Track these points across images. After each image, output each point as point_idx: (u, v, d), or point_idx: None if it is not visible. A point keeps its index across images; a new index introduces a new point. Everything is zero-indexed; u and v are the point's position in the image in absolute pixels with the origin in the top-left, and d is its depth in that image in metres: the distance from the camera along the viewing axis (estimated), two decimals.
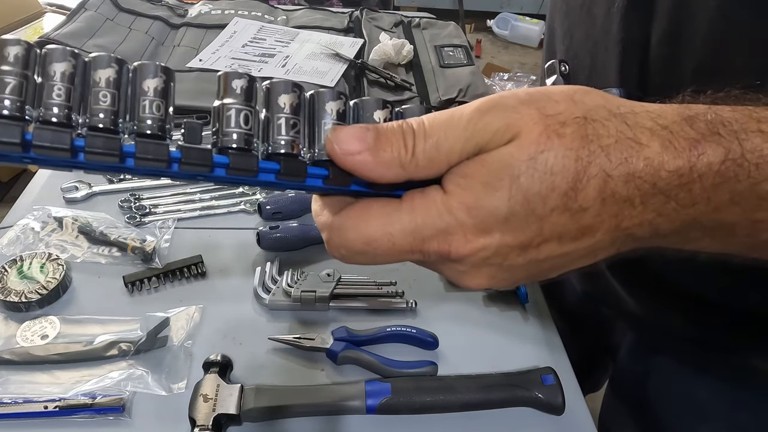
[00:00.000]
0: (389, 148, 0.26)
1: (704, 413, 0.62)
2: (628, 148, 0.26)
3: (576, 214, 0.26)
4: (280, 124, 0.27)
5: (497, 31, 3.72)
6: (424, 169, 0.26)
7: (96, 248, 0.75)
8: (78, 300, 0.70)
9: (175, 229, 0.79)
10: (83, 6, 1.18)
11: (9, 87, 0.23)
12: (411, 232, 0.27)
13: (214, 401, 0.55)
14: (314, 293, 0.68)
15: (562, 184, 0.25)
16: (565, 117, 0.26)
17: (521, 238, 0.27)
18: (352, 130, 0.26)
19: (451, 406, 0.57)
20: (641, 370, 0.70)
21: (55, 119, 0.24)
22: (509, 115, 0.26)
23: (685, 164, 0.26)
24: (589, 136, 0.26)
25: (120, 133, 0.25)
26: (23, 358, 0.62)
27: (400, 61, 1.17)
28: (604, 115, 0.26)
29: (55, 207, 0.80)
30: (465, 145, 0.26)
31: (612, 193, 0.26)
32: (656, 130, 0.26)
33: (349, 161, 0.26)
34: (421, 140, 0.26)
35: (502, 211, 0.26)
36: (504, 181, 0.25)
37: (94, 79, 0.25)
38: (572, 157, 0.25)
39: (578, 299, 0.79)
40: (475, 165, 0.26)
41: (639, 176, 0.26)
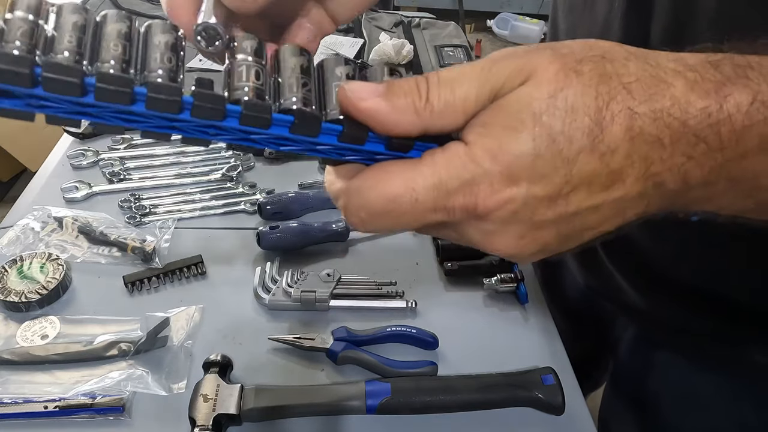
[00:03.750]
0: (403, 95, 0.25)
1: (704, 407, 0.62)
2: (652, 85, 0.25)
3: (604, 156, 0.25)
4: (291, 84, 0.26)
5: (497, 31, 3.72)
6: (440, 116, 0.25)
7: (96, 248, 0.75)
8: (78, 300, 0.70)
9: (175, 229, 0.79)
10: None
11: (20, 31, 0.23)
12: (434, 187, 0.25)
13: (214, 401, 0.55)
14: (314, 293, 0.68)
15: (585, 121, 0.24)
16: (581, 56, 0.25)
17: (549, 187, 0.25)
18: (364, 83, 0.26)
19: (451, 406, 0.57)
20: (641, 364, 0.70)
21: (66, 62, 0.23)
22: (523, 58, 0.25)
23: (713, 103, 0.24)
24: (608, 73, 0.24)
25: None
26: (23, 358, 0.62)
27: (400, 61, 1.17)
28: (624, 55, 0.25)
29: (55, 207, 0.80)
30: (480, 90, 0.25)
31: (640, 130, 0.24)
32: (680, 71, 0.25)
33: (363, 107, 0.25)
34: (435, 87, 0.25)
35: (528, 153, 0.24)
36: (526, 122, 0.24)
37: (105, 32, 0.25)
38: (592, 93, 0.24)
39: (580, 294, 0.79)
40: (493, 111, 0.25)
41: (668, 113, 0.24)
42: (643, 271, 0.59)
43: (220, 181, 0.88)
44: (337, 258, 0.78)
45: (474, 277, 0.74)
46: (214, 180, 0.88)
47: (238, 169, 0.88)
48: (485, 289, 0.71)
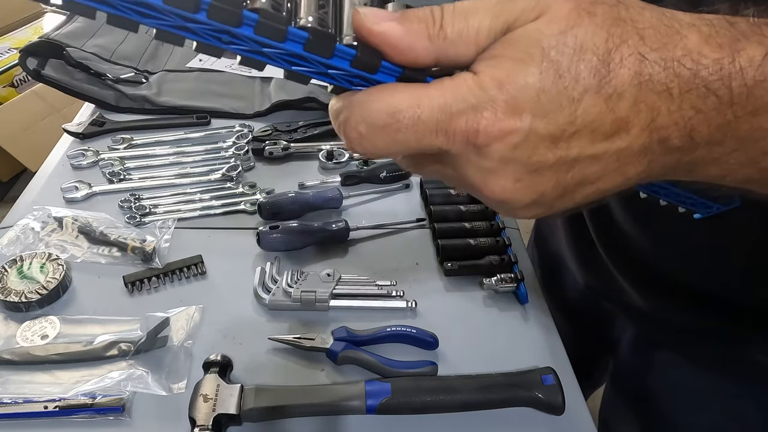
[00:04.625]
0: (416, 21, 0.25)
1: (705, 406, 0.62)
2: (666, 35, 0.24)
3: (610, 98, 0.24)
4: (310, 3, 0.26)
5: None
6: (452, 44, 0.25)
7: (96, 248, 0.75)
8: (78, 300, 0.70)
9: (175, 229, 0.79)
10: None
11: None
12: (439, 107, 0.25)
13: (214, 401, 0.55)
14: (314, 293, 0.68)
15: (593, 61, 0.24)
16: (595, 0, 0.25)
17: (552, 126, 0.25)
18: (380, 9, 0.26)
19: (451, 406, 0.57)
20: (641, 363, 0.70)
21: None
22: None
23: (726, 56, 0.24)
24: (622, 17, 0.24)
25: None
26: (23, 358, 0.62)
27: None
28: (639, 4, 0.25)
29: (55, 207, 0.80)
30: (493, 22, 0.25)
31: (650, 77, 0.24)
32: (695, 24, 0.25)
33: (376, 29, 0.25)
34: (449, 15, 0.25)
35: (533, 85, 0.24)
36: (534, 56, 0.24)
37: None
38: (603, 35, 0.24)
39: (580, 294, 0.79)
40: (504, 44, 0.25)
41: (679, 62, 0.24)
42: (643, 272, 0.59)
43: (220, 181, 0.88)
44: (337, 258, 0.78)
45: (474, 277, 0.74)
46: (214, 180, 0.88)
47: (238, 169, 0.88)
48: (485, 289, 0.71)
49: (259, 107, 1.03)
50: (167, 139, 0.95)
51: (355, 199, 0.87)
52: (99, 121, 0.97)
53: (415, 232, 0.82)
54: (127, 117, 1.00)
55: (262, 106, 1.03)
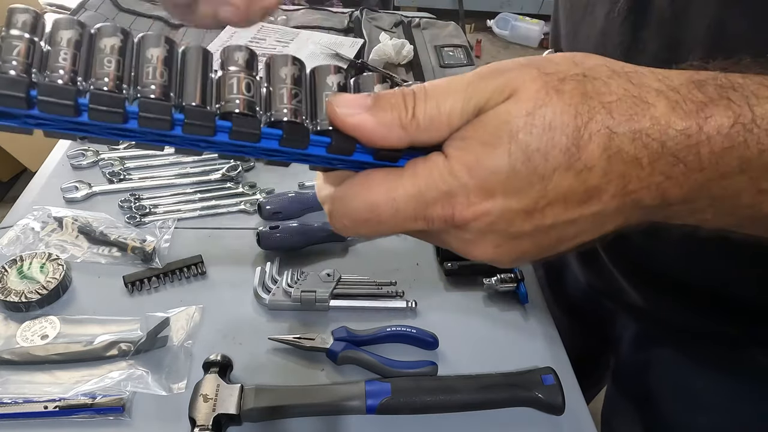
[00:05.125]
0: (389, 109, 0.26)
1: (705, 405, 0.62)
2: (633, 105, 0.25)
3: (581, 173, 0.25)
4: (282, 94, 0.27)
5: (497, 31, 3.72)
6: (425, 131, 0.26)
7: (96, 248, 0.75)
8: (78, 300, 0.70)
9: (175, 229, 0.79)
10: (83, 6, 1.18)
11: (16, 50, 0.23)
12: (414, 197, 0.26)
13: (214, 401, 0.55)
14: (314, 293, 0.68)
15: (562, 140, 0.24)
16: (564, 74, 0.25)
17: (525, 201, 0.26)
18: (352, 95, 0.26)
19: (451, 406, 0.58)
20: (642, 362, 0.70)
21: (61, 81, 0.23)
22: (507, 75, 0.26)
23: (694, 125, 0.25)
24: (589, 93, 0.25)
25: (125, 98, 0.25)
26: (23, 358, 0.62)
27: (400, 61, 1.17)
28: (606, 74, 0.26)
29: (55, 207, 0.80)
30: (465, 105, 0.26)
31: (618, 150, 0.25)
32: (663, 90, 0.25)
33: (350, 122, 0.26)
34: (422, 101, 0.26)
35: (503, 169, 0.25)
36: (503, 138, 0.25)
37: (99, 47, 0.25)
38: (571, 113, 0.24)
39: (581, 292, 0.79)
40: (474, 126, 0.26)
41: (646, 133, 0.25)
42: (643, 272, 0.59)
43: (220, 181, 0.88)
44: (337, 258, 0.78)
45: (474, 277, 0.74)
46: (214, 180, 0.88)
47: (238, 169, 0.88)
48: (485, 289, 0.71)
49: None
50: None
51: None
52: None
53: None
54: None
55: None
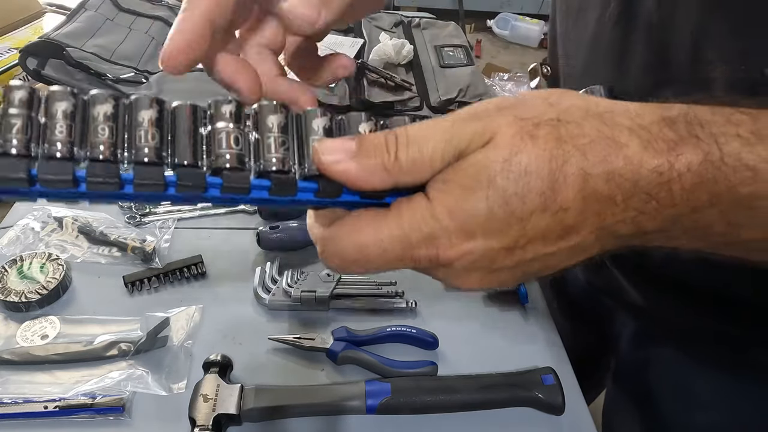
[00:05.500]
0: (373, 154, 0.27)
1: (705, 404, 0.62)
2: (606, 146, 0.26)
3: (557, 214, 0.26)
4: (270, 143, 0.28)
5: (497, 31, 3.72)
6: (408, 173, 0.27)
7: (96, 248, 0.75)
8: (78, 300, 0.70)
9: (175, 229, 0.79)
10: (83, 6, 1.18)
11: (15, 128, 0.25)
12: (399, 238, 0.27)
13: (214, 401, 0.55)
14: (314, 293, 0.68)
15: (537, 184, 0.26)
16: (538, 119, 0.26)
17: (505, 241, 0.27)
18: (337, 141, 0.27)
19: (451, 406, 0.58)
20: (642, 361, 0.70)
21: (59, 154, 0.25)
22: (485, 120, 0.27)
23: (665, 163, 0.26)
24: (563, 137, 0.26)
25: (119, 162, 0.26)
26: (23, 358, 0.62)
27: (400, 61, 1.17)
28: (580, 116, 0.27)
29: (55, 207, 0.80)
30: (446, 148, 0.27)
31: (593, 190, 0.26)
32: (635, 130, 0.26)
33: (335, 169, 0.27)
34: (404, 146, 0.27)
35: (481, 212, 0.26)
36: (481, 183, 0.26)
37: (92, 115, 0.26)
38: (546, 157, 0.26)
39: (581, 290, 0.79)
40: (455, 170, 0.27)
41: (619, 174, 0.26)
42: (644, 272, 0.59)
43: None
44: None
45: None
46: None
47: None
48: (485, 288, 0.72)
49: None
50: None
51: None
52: None
53: None
54: None
55: None
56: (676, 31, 0.44)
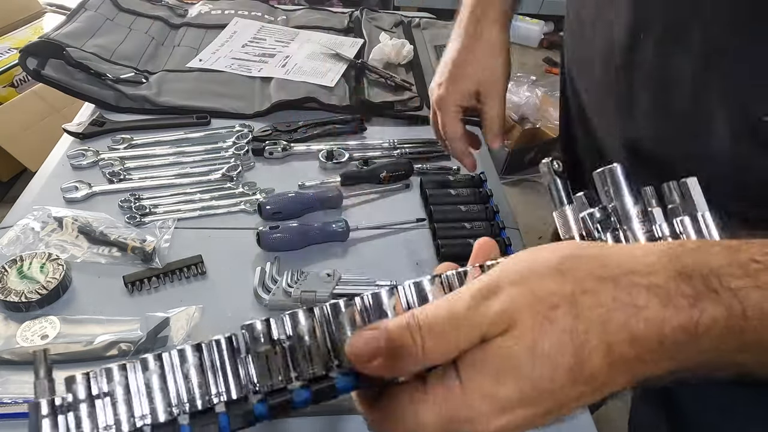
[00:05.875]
0: (402, 350, 0.28)
1: (730, 411, 0.62)
2: (625, 313, 0.27)
3: (588, 381, 0.27)
4: (305, 353, 0.30)
5: None
6: (436, 360, 0.28)
7: (96, 248, 0.75)
8: (78, 300, 0.70)
9: (175, 229, 0.79)
10: (83, 6, 1.18)
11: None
12: (441, 423, 0.28)
13: None
14: (314, 293, 0.68)
15: (563, 363, 0.27)
16: (555, 299, 0.27)
17: (541, 409, 0.28)
18: (364, 340, 0.29)
19: None
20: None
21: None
22: (503, 301, 0.28)
23: (689, 321, 0.27)
24: (580, 315, 0.27)
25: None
26: (23, 358, 0.62)
27: (400, 61, 1.17)
28: (595, 284, 0.28)
29: (55, 207, 0.80)
30: (470, 334, 0.28)
31: (619, 356, 0.27)
32: (652, 288, 0.27)
33: (370, 369, 0.28)
34: (431, 335, 0.28)
35: (514, 397, 0.27)
36: (509, 373, 0.27)
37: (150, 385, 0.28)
38: (567, 338, 0.27)
39: None
40: (483, 354, 0.28)
41: (643, 337, 0.27)
42: None
43: (220, 181, 0.88)
44: (337, 258, 0.78)
45: None
46: (214, 180, 0.88)
47: (238, 169, 0.88)
48: None
49: (259, 107, 1.03)
50: (167, 139, 0.95)
51: (355, 199, 0.87)
52: (99, 121, 0.97)
53: (415, 232, 0.82)
54: (127, 117, 1.00)
55: (262, 106, 1.03)
56: (675, 82, 0.47)
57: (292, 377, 0.30)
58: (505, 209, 0.86)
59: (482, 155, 1.00)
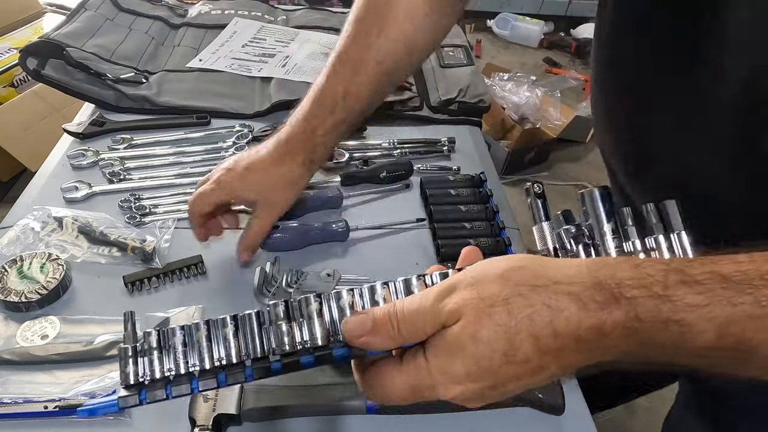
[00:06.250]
0: (383, 331, 0.37)
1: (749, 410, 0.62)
2: (550, 312, 0.34)
3: (522, 363, 0.35)
4: (318, 331, 0.39)
5: (497, 31, 3.72)
6: (408, 340, 0.37)
7: (96, 248, 0.75)
8: (78, 300, 0.70)
9: (175, 229, 0.79)
10: (83, 6, 1.18)
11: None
12: (411, 388, 0.38)
13: (214, 401, 0.55)
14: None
15: (499, 347, 0.34)
16: (494, 299, 0.35)
17: (486, 383, 0.36)
18: (355, 321, 0.38)
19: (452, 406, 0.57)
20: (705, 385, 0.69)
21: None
22: (456, 299, 0.36)
23: (598, 322, 0.34)
24: (513, 312, 0.34)
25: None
26: (23, 358, 0.62)
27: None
28: (527, 291, 0.35)
29: (55, 207, 0.80)
30: (433, 322, 0.36)
31: (545, 346, 0.34)
32: (572, 295, 0.34)
33: (357, 343, 0.38)
34: (404, 322, 0.37)
35: (463, 372, 0.36)
36: (458, 354, 0.35)
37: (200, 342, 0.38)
38: (502, 329, 0.34)
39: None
40: (441, 339, 0.36)
41: (563, 333, 0.34)
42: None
43: None
44: (337, 258, 0.78)
45: None
46: None
47: None
48: None
49: (259, 107, 1.03)
50: (167, 139, 0.95)
51: (355, 199, 0.87)
52: (99, 121, 0.97)
53: (415, 232, 0.82)
54: (127, 117, 1.00)
55: (262, 106, 1.03)
56: None
57: (301, 345, 0.38)
58: (506, 209, 0.86)
59: (482, 155, 1.00)
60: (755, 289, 0.32)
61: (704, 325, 0.33)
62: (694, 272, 0.34)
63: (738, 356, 0.34)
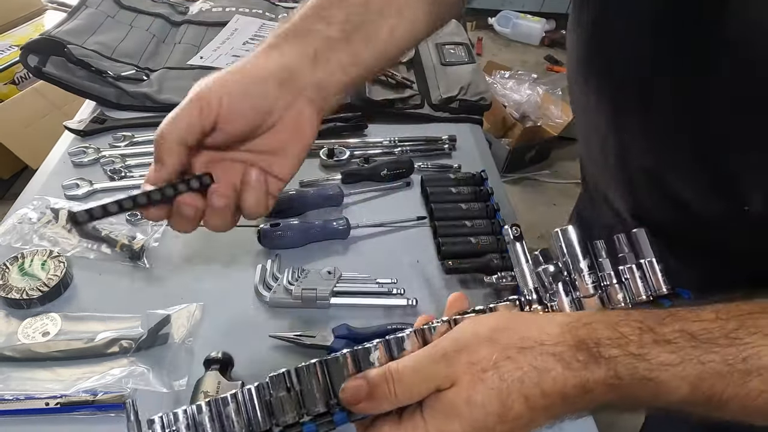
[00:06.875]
0: (380, 396, 0.39)
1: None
2: (537, 374, 0.37)
3: (515, 420, 0.37)
4: (312, 395, 0.40)
5: (498, 28, 3.71)
6: (405, 402, 0.39)
7: (87, 243, 0.75)
8: (79, 297, 0.70)
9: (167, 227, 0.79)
10: (84, 3, 1.18)
11: None
12: None
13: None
14: (315, 291, 0.69)
15: (492, 410, 0.37)
16: (484, 364, 0.38)
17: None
18: (352, 389, 0.39)
19: None
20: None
21: None
22: (449, 364, 0.38)
23: (582, 380, 0.37)
24: (503, 376, 0.37)
25: None
26: (25, 355, 0.62)
27: (401, 59, 1.17)
28: (515, 353, 0.38)
29: (54, 198, 0.80)
30: (428, 386, 0.38)
31: (534, 404, 0.37)
32: (557, 355, 0.37)
33: (357, 410, 0.39)
34: (400, 385, 0.39)
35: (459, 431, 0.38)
36: (454, 416, 0.38)
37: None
38: (494, 393, 0.37)
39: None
40: (437, 401, 0.38)
41: (550, 392, 0.37)
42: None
43: None
44: (338, 256, 0.78)
45: (475, 274, 0.74)
46: None
47: None
48: (486, 286, 0.71)
49: None
50: None
51: (356, 196, 0.87)
52: (100, 119, 0.97)
53: (415, 230, 0.82)
54: (128, 114, 1.00)
55: None
56: (664, 161, 0.55)
57: (302, 414, 0.40)
58: (506, 207, 0.86)
59: (483, 153, 1.00)
60: (721, 348, 0.36)
61: (678, 382, 0.37)
62: (665, 330, 0.37)
63: (712, 407, 0.37)
